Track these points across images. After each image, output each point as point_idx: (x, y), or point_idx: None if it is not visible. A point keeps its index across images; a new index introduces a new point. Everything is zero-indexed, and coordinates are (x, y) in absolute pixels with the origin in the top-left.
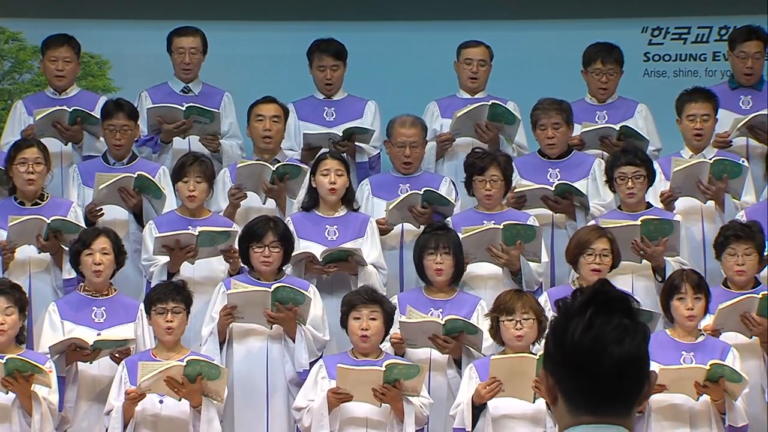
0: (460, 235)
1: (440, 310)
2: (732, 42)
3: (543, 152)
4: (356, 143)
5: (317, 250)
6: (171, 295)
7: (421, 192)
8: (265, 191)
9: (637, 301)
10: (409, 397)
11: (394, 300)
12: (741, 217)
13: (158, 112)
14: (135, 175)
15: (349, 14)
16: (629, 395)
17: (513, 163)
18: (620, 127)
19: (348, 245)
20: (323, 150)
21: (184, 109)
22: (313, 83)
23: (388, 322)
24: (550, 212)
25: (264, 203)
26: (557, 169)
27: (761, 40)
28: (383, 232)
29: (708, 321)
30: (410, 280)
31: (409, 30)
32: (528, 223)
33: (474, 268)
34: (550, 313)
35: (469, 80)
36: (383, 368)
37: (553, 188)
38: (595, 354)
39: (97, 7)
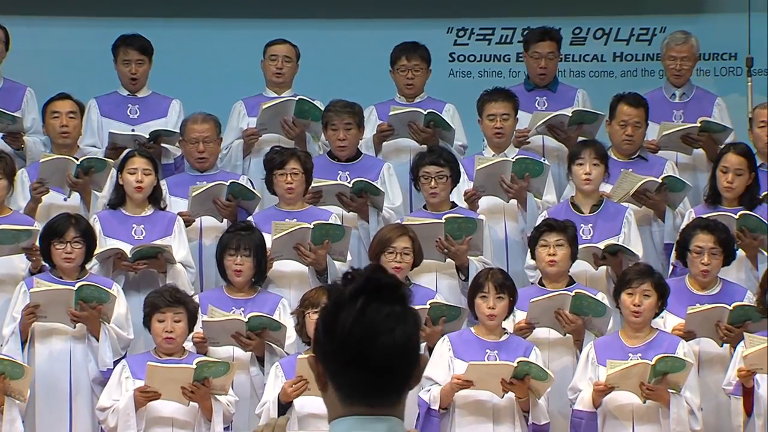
0: (270, 235)
1: (242, 309)
2: (526, 43)
3: (333, 154)
4: (162, 144)
5: (124, 249)
6: None
7: (227, 183)
8: (69, 185)
9: (407, 287)
10: (216, 396)
11: (197, 298)
12: (544, 216)
13: None
14: None
15: (155, 11)
16: (401, 384)
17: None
18: (427, 113)
19: (156, 243)
20: (129, 149)
21: None
22: (118, 79)
23: (192, 321)
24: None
25: (68, 197)
26: (347, 172)
27: (554, 41)
28: (186, 223)
29: (518, 318)
30: (209, 275)
31: (217, 27)
32: (334, 222)
33: (279, 266)
34: None
35: (275, 76)
36: (194, 366)
37: (350, 185)
38: (366, 344)
39: None
